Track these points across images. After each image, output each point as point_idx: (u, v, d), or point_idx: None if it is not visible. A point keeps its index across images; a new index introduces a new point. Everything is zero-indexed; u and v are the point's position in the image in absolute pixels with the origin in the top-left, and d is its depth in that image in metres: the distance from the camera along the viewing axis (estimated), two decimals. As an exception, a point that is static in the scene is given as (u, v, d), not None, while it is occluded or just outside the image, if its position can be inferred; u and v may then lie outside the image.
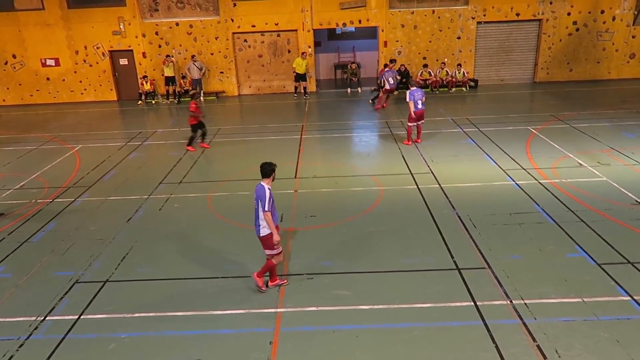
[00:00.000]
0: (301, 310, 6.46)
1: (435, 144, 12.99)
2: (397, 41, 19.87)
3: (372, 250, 7.92)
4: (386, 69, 16.82)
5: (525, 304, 6.36)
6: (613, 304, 6.28)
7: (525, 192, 9.72)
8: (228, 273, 7.41)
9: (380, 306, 6.47)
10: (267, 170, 6.53)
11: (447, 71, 19.57)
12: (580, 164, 11.08)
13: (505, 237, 8.08)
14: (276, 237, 6.51)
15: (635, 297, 6.37)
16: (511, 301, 6.42)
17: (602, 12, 19.44)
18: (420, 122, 12.95)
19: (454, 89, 19.44)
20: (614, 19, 19.53)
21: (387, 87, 16.44)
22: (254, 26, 19.78)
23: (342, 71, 22.52)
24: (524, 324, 6.00)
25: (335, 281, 7.06)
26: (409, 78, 19.77)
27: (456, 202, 9.42)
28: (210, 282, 7.22)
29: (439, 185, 10.31)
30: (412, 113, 12.67)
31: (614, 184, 9.93)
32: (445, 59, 19.79)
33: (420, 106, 12.62)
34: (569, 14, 19.47)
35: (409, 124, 12.99)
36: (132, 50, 20.21)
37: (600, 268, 7.07)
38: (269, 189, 6.44)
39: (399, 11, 19.44)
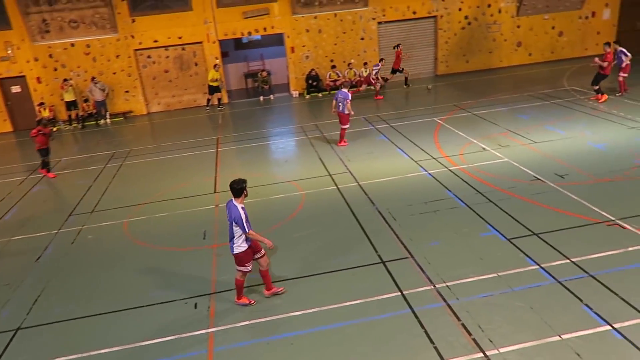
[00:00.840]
0: (233, 327, 6.35)
1: (350, 143, 13.30)
2: (303, 46, 20.15)
3: (300, 255, 7.96)
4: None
5: (448, 286, 6.70)
6: (524, 275, 6.78)
7: (438, 180, 10.23)
8: (153, 300, 7.11)
9: (313, 310, 6.52)
10: (238, 188, 6.27)
11: (354, 71, 20.13)
12: (484, 148, 11.85)
13: (424, 225, 8.45)
14: (268, 243, 6.41)
15: (542, 265, 6.92)
16: (434, 286, 6.73)
17: (489, 5, 20.94)
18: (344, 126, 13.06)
19: (363, 88, 20.02)
20: (499, 11, 21.11)
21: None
22: (156, 41, 19.16)
23: (252, 80, 22.42)
24: (448, 305, 6.31)
25: (262, 291, 7.01)
26: (319, 81, 20.18)
27: (375, 198, 9.72)
28: (135, 312, 6.89)
29: (358, 183, 10.58)
30: (344, 116, 12.84)
31: (515, 164, 10.73)
32: (352, 60, 20.36)
33: (340, 108, 12.79)
34: (460, 9, 20.77)
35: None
36: (24, 76, 18.80)
37: (510, 243, 7.60)
38: (242, 208, 6.25)
39: (303, 16, 19.72)
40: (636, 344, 5.35)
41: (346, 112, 12.73)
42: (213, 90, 19.05)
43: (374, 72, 18.38)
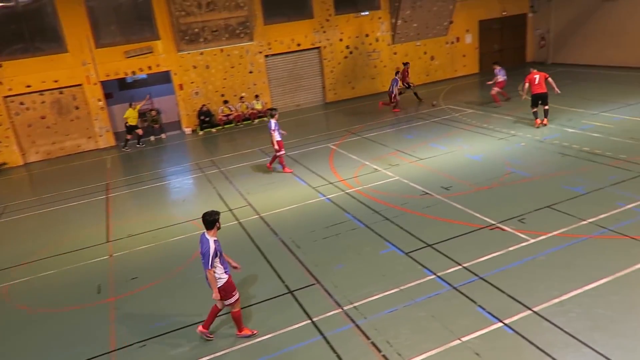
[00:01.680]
0: (139, 384, 5.93)
1: (249, 175, 13.27)
2: (192, 82, 19.88)
3: (205, 296, 7.66)
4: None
5: (355, 307, 6.86)
6: (424, 285, 7.16)
7: (336, 204, 10.53)
8: (43, 369, 6.42)
9: (221, 352, 6.31)
10: (210, 220, 6.04)
11: (247, 104, 20.25)
12: (376, 169, 12.46)
13: (327, 250, 8.62)
14: (215, 295, 6.08)
15: (438, 274, 7.36)
16: (342, 308, 6.86)
17: (367, 35, 22.34)
18: (280, 153, 12.99)
19: (256, 121, 20.19)
20: (377, 40, 22.60)
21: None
22: (29, 86, 17.77)
23: (141, 120, 21.57)
24: (357, 326, 6.46)
25: (172, 340, 6.66)
26: (212, 116, 19.98)
27: (278, 228, 9.74)
28: (22, 386, 6.16)
29: (259, 215, 10.54)
30: (275, 142, 12.75)
31: (405, 181, 11.40)
32: (243, 93, 20.47)
33: (279, 137, 12.78)
34: (340, 39, 21.90)
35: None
36: None
37: (408, 256, 8.01)
38: (215, 241, 6.03)
39: (188, 53, 19.52)
40: (524, 335, 5.86)
41: (277, 139, 12.65)
42: (131, 128, 18.25)
43: (394, 86, 18.52)
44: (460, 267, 7.48)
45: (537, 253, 7.59)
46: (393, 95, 18.56)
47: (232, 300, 6.34)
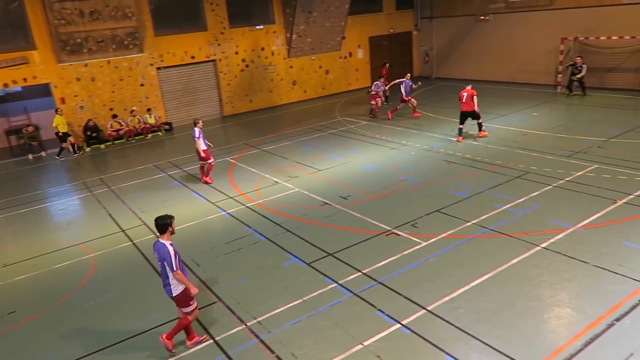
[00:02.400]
0: None
1: (143, 194, 12.61)
2: (75, 96, 18.51)
3: (95, 325, 7.14)
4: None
5: (259, 322, 6.77)
6: (326, 294, 7.28)
7: (237, 219, 10.37)
8: None
9: (118, 383, 5.87)
10: (162, 224, 5.92)
11: (139, 118, 19.29)
12: (276, 182, 12.49)
13: (229, 266, 8.44)
14: (194, 290, 6.05)
15: (339, 282, 7.53)
16: (246, 324, 6.74)
17: (263, 49, 22.45)
18: (209, 162, 12.68)
19: (150, 135, 19.30)
20: (273, 53, 22.80)
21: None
22: None
23: (17, 137, 19.60)
24: (261, 340, 6.38)
25: (57, 378, 6.07)
26: (100, 132, 18.75)
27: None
28: None
29: (155, 234, 10.02)
30: (201, 151, 12.40)
31: (305, 192, 11.55)
32: (134, 107, 19.48)
33: (204, 146, 12.48)
34: (236, 53, 21.77)
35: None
36: None
37: (310, 267, 8.10)
38: (170, 244, 5.90)
39: (71, 65, 18.16)
40: (420, 333, 6.18)
41: (203, 148, 12.43)
42: (65, 137, 16.93)
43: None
44: (360, 273, 7.71)
45: (428, 255, 8.07)
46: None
47: (190, 308, 6.20)
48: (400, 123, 17.32)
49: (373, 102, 18.76)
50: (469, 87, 14.32)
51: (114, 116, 18.93)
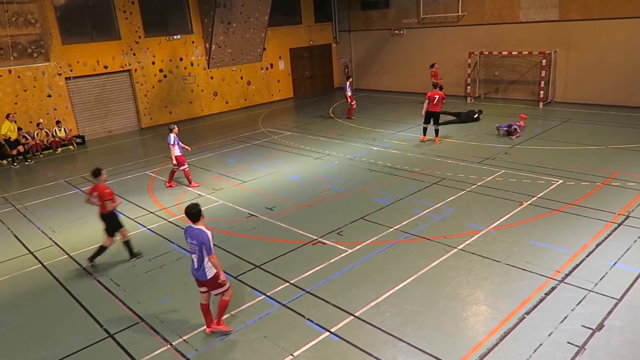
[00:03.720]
0: None
1: (53, 211, 11.77)
2: (-28, 108, 16.97)
3: (3, 357, 6.53)
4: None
5: (185, 340, 6.55)
6: (254, 307, 7.20)
7: (159, 234, 9.99)
8: None
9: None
10: (195, 213, 6.23)
11: (46, 131, 17.99)
12: (200, 194, 12.19)
13: (151, 284, 8.09)
14: (223, 276, 6.32)
15: (267, 294, 7.48)
16: (171, 344, 6.49)
17: (181, 59, 21.90)
18: (182, 168, 12.70)
19: (59, 150, 18.08)
20: (192, 64, 22.32)
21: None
22: None
23: None
24: (188, 359, 6.16)
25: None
26: (2, 147, 17.25)
27: (92, 267, 8.80)
28: None
29: (68, 255, 9.40)
30: (174, 157, 12.46)
31: (230, 204, 11.38)
32: (41, 119, 18.16)
33: (179, 152, 12.51)
34: (153, 62, 21.05)
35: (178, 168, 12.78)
36: None
37: (238, 280, 7.97)
38: (207, 229, 6.22)
39: (-35, 74, 16.64)
40: (349, 340, 6.29)
41: (177, 154, 12.50)
42: (14, 144, 16.12)
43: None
44: (288, 284, 7.71)
45: (354, 262, 8.25)
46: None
47: (225, 287, 6.43)
48: (324, 133, 17.61)
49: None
50: (436, 90, 15.08)
51: (19, 129, 17.50)
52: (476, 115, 17.91)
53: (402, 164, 13.36)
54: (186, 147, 13.02)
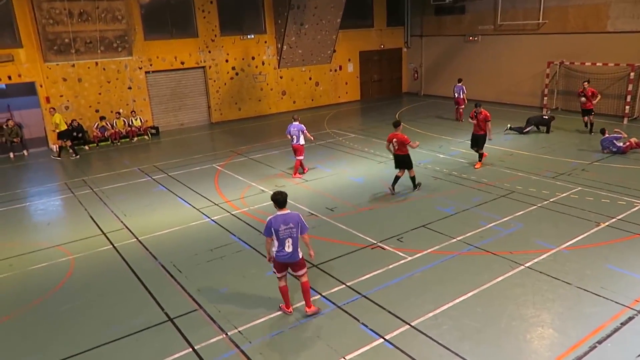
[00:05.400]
0: None
1: (126, 197, 12.40)
2: (61, 96, 18.25)
3: (70, 330, 6.93)
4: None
5: (240, 331, 6.64)
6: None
7: (221, 226, 10.24)
8: None
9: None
10: (283, 200, 6.65)
11: (124, 121, 19.06)
12: (263, 190, 12.39)
13: (211, 274, 8.29)
14: (312, 251, 6.87)
15: (323, 294, 7.44)
16: (227, 334, 6.60)
17: (253, 58, 22.46)
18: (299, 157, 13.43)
19: (135, 139, 19.07)
20: (263, 63, 22.82)
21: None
22: None
23: (-1, 135, 19.21)
24: (242, 351, 6.24)
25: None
26: (84, 133, 18.47)
27: (157, 252, 9.17)
28: None
29: (137, 238, 9.85)
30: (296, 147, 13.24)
31: (291, 202, 11.39)
32: (120, 109, 19.26)
33: (295, 141, 13.11)
34: (226, 60, 21.74)
35: None
36: None
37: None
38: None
39: (57, 64, 17.93)
40: (403, 349, 6.12)
41: (302, 143, 13.10)
42: (64, 135, 16.90)
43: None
44: (344, 285, 7.64)
45: (413, 270, 8.04)
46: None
47: (306, 269, 6.84)
48: (388, 138, 17.37)
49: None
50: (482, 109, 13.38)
51: (102, 118, 18.67)
52: (546, 117, 17.27)
53: (469, 173, 12.90)
54: (310, 136, 13.61)
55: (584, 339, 6.17)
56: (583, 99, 16.42)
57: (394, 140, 11.40)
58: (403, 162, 11.61)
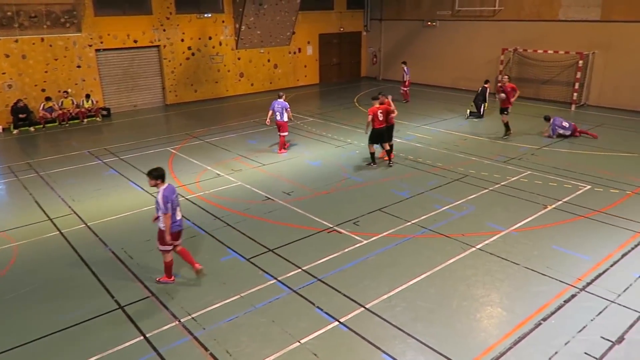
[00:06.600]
0: None
1: (75, 181, 11.89)
2: (3, 73, 17.20)
3: (17, 319, 6.63)
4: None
5: (193, 318, 6.53)
6: (264, 290, 7.13)
7: (175, 211, 9.98)
8: None
9: (35, 383, 5.46)
10: (164, 172, 6.97)
11: (72, 100, 18.17)
12: (219, 174, 12.17)
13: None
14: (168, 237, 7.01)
15: (279, 278, 7.41)
16: (179, 320, 6.47)
17: (210, 38, 21.85)
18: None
19: (86, 120, 18.27)
20: (220, 44, 22.25)
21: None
22: None
23: None
24: (195, 337, 6.14)
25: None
26: (30, 113, 17.54)
27: (107, 238, 8.87)
28: None
29: (86, 224, 9.49)
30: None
31: (247, 186, 11.32)
32: (69, 89, 18.37)
33: (279, 117, 13.34)
34: (182, 40, 21.05)
35: None
36: None
37: (250, 262, 7.92)
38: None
39: (-1, 39, 16.88)
40: (357, 331, 6.18)
41: (285, 119, 13.34)
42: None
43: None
44: (300, 270, 7.63)
45: (369, 253, 8.11)
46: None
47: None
48: (347, 122, 17.40)
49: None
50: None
51: (47, 98, 17.75)
52: (485, 86, 17.97)
53: (424, 157, 13.10)
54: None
55: (530, 316, 6.42)
56: (502, 95, 14.47)
57: (379, 112, 11.77)
58: (387, 133, 12.10)
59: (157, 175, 6.91)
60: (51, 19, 17.56)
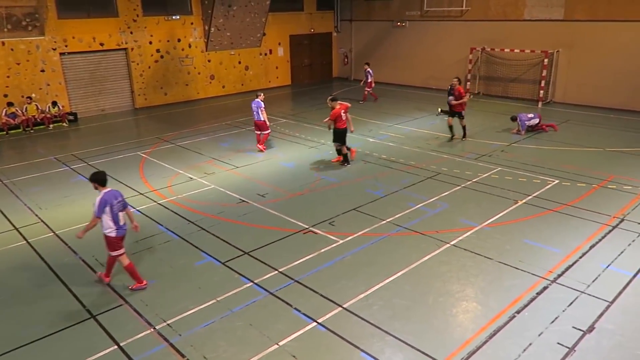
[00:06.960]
0: None
1: (41, 189, 11.54)
2: (-37, 79, 16.61)
3: (-21, 335, 6.37)
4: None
5: (169, 324, 6.41)
6: (241, 294, 7.06)
7: (147, 216, 9.79)
8: None
9: (4, 399, 5.26)
10: (105, 177, 7.05)
11: (36, 106, 17.64)
12: (191, 178, 11.99)
13: (138, 266, 7.85)
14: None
15: (255, 281, 7.34)
16: (154, 328, 6.34)
17: (179, 40, 21.54)
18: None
19: (52, 126, 17.76)
20: (190, 46, 21.96)
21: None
22: None
23: None
24: (171, 344, 6.03)
25: None
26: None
27: (77, 246, 8.62)
28: None
29: (54, 232, 9.21)
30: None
31: (221, 189, 11.20)
32: (33, 94, 17.82)
33: (257, 117, 13.76)
34: (150, 42, 20.69)
35: None
36: None
37: (225, 266, 7.83)
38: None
39: (-43, 44, 16.26)
40: (336, 331, 6.18)
41: (262, 119, 13.64)
42: None
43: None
44: (276, 272, 7.58)
45: (345, 253, 8.12)
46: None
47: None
48: (319, 122, 17.39)
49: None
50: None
51: (10, 104, 17.17)
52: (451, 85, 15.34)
53: (397, 156, 13.21)
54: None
55: (504, 309, 6.54)
56: (451, 97, 14.35)
57: (343, 112, 12.14)
58: (345, 134, 12.35)
59: (95, 179, 7.00)
60: (12, 22, 17.02)
